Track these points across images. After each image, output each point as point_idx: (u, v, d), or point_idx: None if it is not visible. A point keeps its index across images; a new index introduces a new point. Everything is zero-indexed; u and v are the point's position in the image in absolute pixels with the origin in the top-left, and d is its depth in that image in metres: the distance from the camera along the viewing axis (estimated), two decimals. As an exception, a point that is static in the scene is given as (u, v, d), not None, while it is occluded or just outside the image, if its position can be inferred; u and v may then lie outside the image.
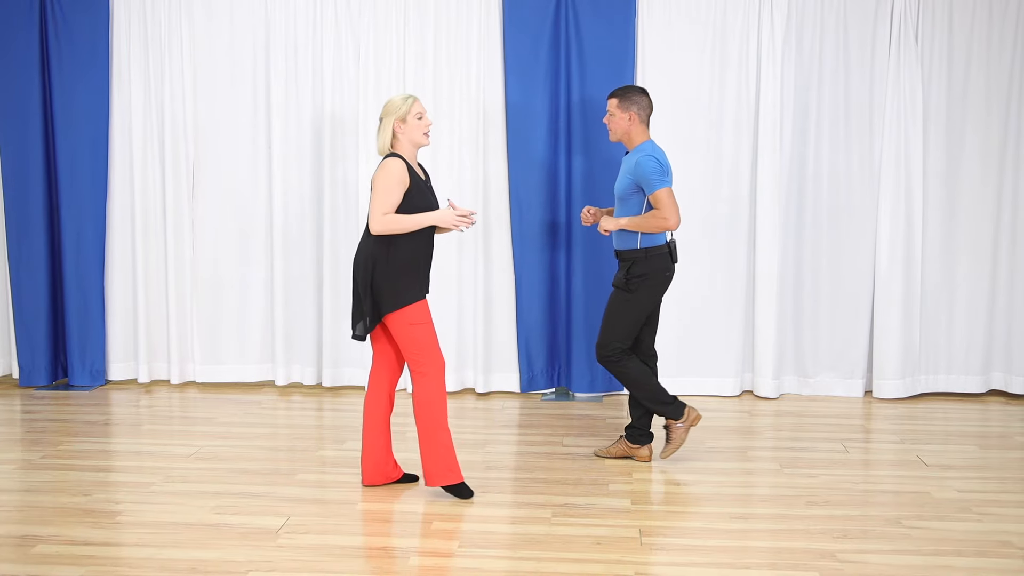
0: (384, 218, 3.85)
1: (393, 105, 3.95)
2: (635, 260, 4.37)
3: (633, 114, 4.38)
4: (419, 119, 3.96)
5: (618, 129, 4.42)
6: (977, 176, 5.72)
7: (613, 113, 4.42)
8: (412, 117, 3.94)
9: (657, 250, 4.36)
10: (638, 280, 4.36)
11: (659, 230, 4.29)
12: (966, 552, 3.50)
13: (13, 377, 6.25)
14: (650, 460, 4.56)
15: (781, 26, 5.61)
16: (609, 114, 4.45)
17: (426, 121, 3.98)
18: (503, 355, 5.90)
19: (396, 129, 3.95)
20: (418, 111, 3.96)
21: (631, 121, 4.39)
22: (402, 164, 3.90)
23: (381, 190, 3.86)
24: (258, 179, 5.97)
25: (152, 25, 5.88)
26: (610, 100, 4.45)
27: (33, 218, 5.92)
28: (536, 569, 3.34)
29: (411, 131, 3.95)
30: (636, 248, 4.36)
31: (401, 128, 3.94)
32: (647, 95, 4.43)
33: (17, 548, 3.50)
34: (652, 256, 4.36)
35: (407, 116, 3.93)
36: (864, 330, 5.81)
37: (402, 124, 3.94)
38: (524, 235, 5.73)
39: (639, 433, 4.55)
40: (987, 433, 5.12)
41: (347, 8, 5.78)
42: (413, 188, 3.93)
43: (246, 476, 4.32)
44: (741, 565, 3.38)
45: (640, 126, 4.41)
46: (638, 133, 4.41)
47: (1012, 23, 5.62)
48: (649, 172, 4.25)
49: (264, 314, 6.05)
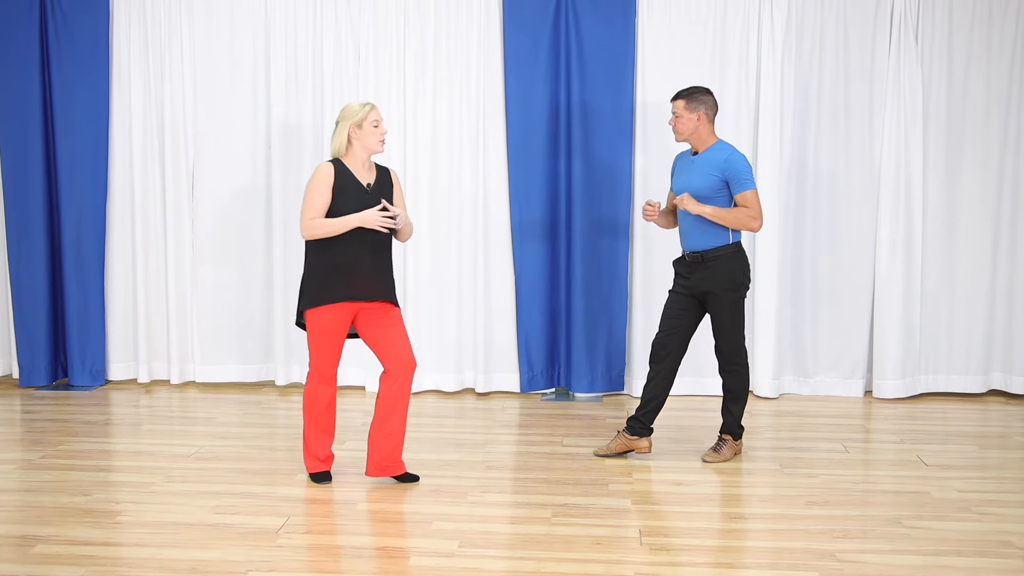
0: (311, 223, 4.01)
1: (351, 110, 4.06)
2: (727, 256, 4.37)
3: (702, 114, 4.37)
4: (375, 127, 4.07)
5: (686, 130, 4.39)
6: (977, 176, 5.72)
7: (680, 115, 4.38)
8: (368, 124, 4.06)
9: (740, 245, 4.42)
10: (741, 274, 4.39)
11: (742, 227, 4.32)
12: (966, 552, 3.50)
13: (13, 377, 6.25)
14: (650, 451, 4.57)
15: (781, 26, 5.61)
16: (676, 116, 4.40)
17: (382, 129, 4.10)
18: (503, 355, 5.90)
19: (351, 134, 4.05)
20: (375, 119, 4.07)
21: (700, 121, 4.37)
22: (330, 167, 4.04)
23: (306, 195, 4.05)
24: (258, 179, 5.97)
25: (152, 25, 5.88)
26: (676, 102, 4.40)
27: (33, 218, 5.92)
28: (536, 569, 3.34)
29: (366, 137, 4.06)
30: (728, 243, 4.37)
31: (356, 133, 4.06)
32: (712, 94, 4.42)
33: (17, 548, 3.50)
34: (741, 250, 4.41)
35: (363, 122, 4.05)
36: (864, 330, 5.81)
37: (357, 129, 4.05)
38: (524, 235, 5.73)
39: (641, 426, 4.54)
40: (987, 433, 5.12)
41: (347, 8, 5.78)
42: (342, 191, 4.03)
43: (246, 476, 4.32)
44: (741, 565, 3.38)
45: (708, 125, 4.39)
46: (708, 132, 4.40)
47: (1012, 23, 5.62)
48: (743, 170, 4.30)
49: (264, 314, 6.05)
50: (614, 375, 5.84)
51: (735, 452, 4.59)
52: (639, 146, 5.71)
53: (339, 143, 4.07)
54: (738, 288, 4.40)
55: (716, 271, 4.38)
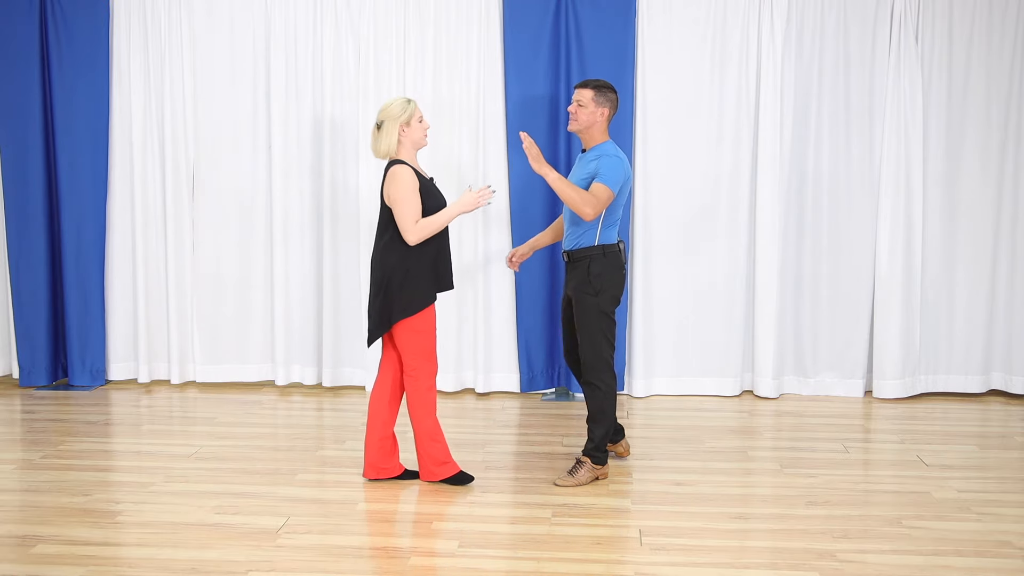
0: (416, 227, 3.96)
1: (394, 110, 4.04)
2: (592, 258, 4.16)
3: (606, 111, 4.19)
4: (420, 121, 4.10)
5: (585, 121, 4.17)
6: (977, 176, 5.71)
7: (585, 104, 4.16)
8: (415, 120, 4.07)
9: (612, 248, 4.18)
10: (599, 278, 4.15)
11: (573, 204, 4.02)
12: (966, 552, 3.50)
13: (13, 377, 6.25)
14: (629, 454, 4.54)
15: (781, 26, 5.61)
16: (579, 104, 4.17)
17: (425, 123, 4.12)
18: (503, 355, 5.90)
19: (401, 132, 4.05)
20: (419, 114, 4.10)
21: (601, 117, 4.18)
22: (409, 169, 4.01)
23: (403, 200, 3.96)
24: (258, 179, 5.97)
25: (152, 25, 5.88)
26: (584, 90, 4.18)
27: (33, 218, 5.92)
28: (536, 569, 3.34)
29: (414, 133, 4.08)
30: (593, 245, 4.16)
31: (405, 132, 4.06)
32: (617, 95, 4.27)
33: (17, 548, 3.50)
34: (609, 253, 4.17)
35: (411, 120, 4.06)
36: (864, 330, 5.81)
37: (406, 128, 4.06)
38: (524, 234, 5.73)
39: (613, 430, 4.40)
40: (987, 433, 5.12)
41: (347, 8, 5.78)
42: (423, 190, 4.04)
43: (246, 476, 4.32)
44: (741, 565, 3.39)
45: (605, 124, 4.21)
46: (601, 131, 4.21)
47: (1012, 23, 5.62)
48: (611, 168, 4.07)
49: (264, 314, 6.05)
50: (614, 375, 5.83)
51: (595, 477, 4.24)
52: (639, 145, 5.71)
53: (388, 144, 4.05)
54: (597, 294, 4.14)
55: (579, 273, 4.18)
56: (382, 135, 4.04)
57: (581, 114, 4.19)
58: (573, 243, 4.21)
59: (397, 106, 4.04)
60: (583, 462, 4.24)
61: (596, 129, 4.21)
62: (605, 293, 4.16)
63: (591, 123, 4.20)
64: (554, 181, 4.06)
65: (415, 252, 4.03)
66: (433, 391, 4.13)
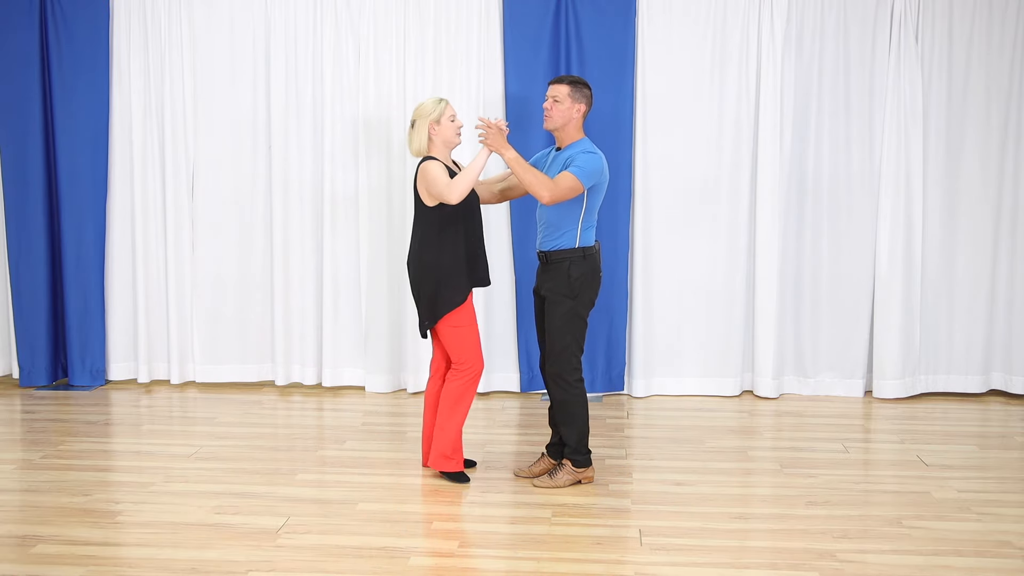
0: (452, 185, 3.99)
1: (426, 108, 4.15)
2: (572, 260, 4.08)
3: (582, 107, 4.11)
4: (452, 120, 4.17)
5: (560, 119, 4.08)
6: (977, 176, 5.71)
7: (561, 100, 4.07)
8: (446, 119, 4.16)
9: (591, 250, 4.12)
10: (579, 281, 4.09)
11: (531, 187, 3.96)
12: (966, 552, 3.50)
13: (13, 377, 6.25)
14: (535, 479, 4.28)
15: (781, 26, 5.61)
16: (555, 100, 4.08)
17: (458, 122, 4.19)
18: (503, 355, 5.90)
19: (431, 131, 4.14)
20: (451, 113, 4.18)
21: (577, 114, 4.11)
22: (439, 164, 4.09)
23: (433, 179, 4.02)
24: (258, 179, 5.97)
25: (152, 25, 5.88)
26: (559, 86, 4.09)
27: (33, 218, 5.92)
28: (536, 569, 3.34)
29: (445, 131, 4.16)
30: (574, 248, 4.09)
31: (435, 130, 4.15)
32: (592, 92, 4.20)
33: (17, 548, 3.50)
34: (588, 256, 4.11)
35: (441, 118, 4.14)
36: (864, 330, 5.81)
37: (436, 126, 4.15)
38: (523, 234, 5.73)
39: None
40: (987, 433, 5.12)
41: (347, 8, 5.78)
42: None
43: (246, 476, 4.32)
44: (741, 565, 3.39)
45: (580, 122, 4.13)
46: (576, 128, 4.14)
47: (1012, 23, 5.62)
48: (585, 162, 3.99)
49: (264, 314, 6.04)
50: (614, 375, 5.83)
51: (576, 480, 4.19)
52: (639, 145, 5.71)
53: (420, 142, 4.16)
54: (574, 296, 4.08)
55: (556, 274, 4.10)
56: (415, 133, 4.16)
57: (556, 111, 4.10)
58: (552, 244, 4.13)
59: (428, 105, 4.15)
60: (563, 465, 4.22)
61: (572, 126, 4.13)
62: (583, 296, 4.13)
63: (567, 120, 4.11)
64: (511, 160, 3.98)
65: (449, 248, 4.11)
66: (472, 389, 4.19)
